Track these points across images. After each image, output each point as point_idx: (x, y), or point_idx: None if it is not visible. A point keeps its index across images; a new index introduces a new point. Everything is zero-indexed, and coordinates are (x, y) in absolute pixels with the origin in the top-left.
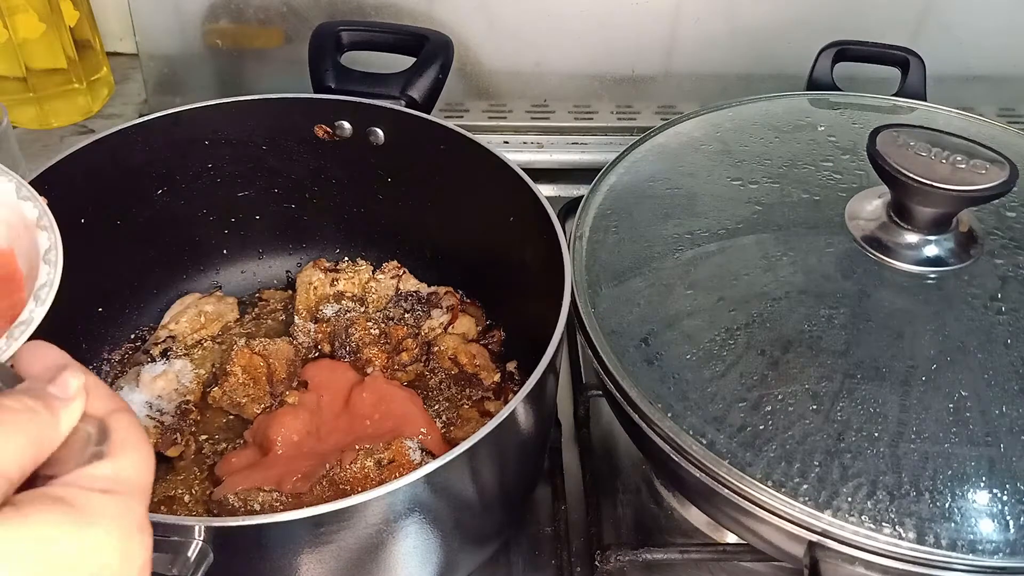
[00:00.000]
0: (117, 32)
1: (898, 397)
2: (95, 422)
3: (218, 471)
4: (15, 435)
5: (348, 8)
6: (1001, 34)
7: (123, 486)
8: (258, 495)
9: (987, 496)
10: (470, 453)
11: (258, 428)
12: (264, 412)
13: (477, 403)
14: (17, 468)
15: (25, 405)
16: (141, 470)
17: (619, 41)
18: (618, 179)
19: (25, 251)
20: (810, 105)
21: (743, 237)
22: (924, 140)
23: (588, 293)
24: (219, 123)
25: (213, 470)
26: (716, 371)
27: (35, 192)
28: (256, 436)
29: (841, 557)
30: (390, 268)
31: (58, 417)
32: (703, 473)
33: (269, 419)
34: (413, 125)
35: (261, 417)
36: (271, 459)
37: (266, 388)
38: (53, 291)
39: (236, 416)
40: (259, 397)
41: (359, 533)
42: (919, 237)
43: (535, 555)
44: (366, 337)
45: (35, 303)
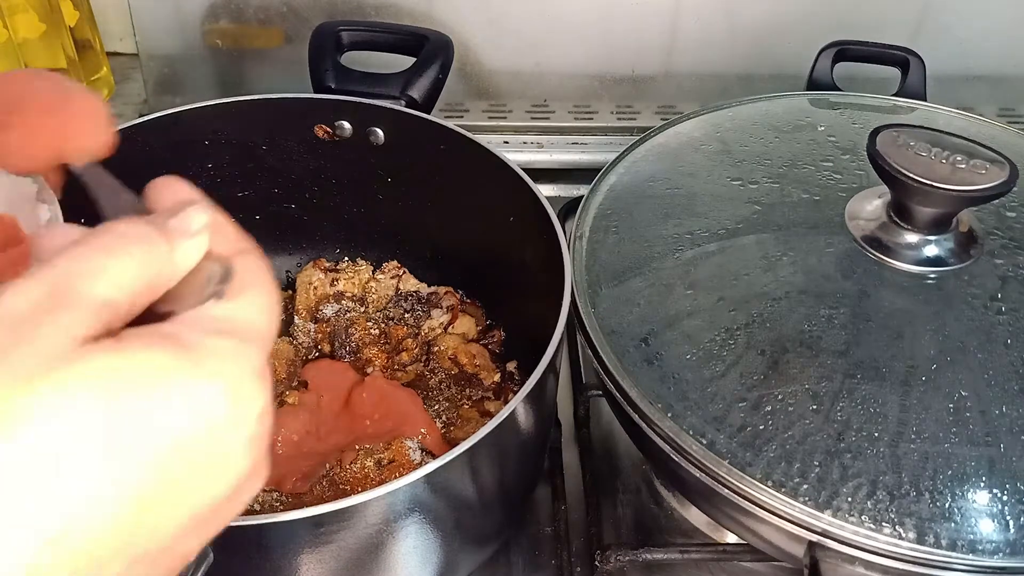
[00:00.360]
0: (117, 32)
1: (898, 397)
2: (220, 262)
3: None
4: (125, 261)
5: (348, 8)
6: (1001, 34)
7: (240, 328)
8: (258, 495)
9: (987, 496)
10: (470, 453)
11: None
12: None
13: (477, 403)
14: (125, 296)
15: (139, 232)
16: (263, 315)
17: (619, 41)
18: (618, 179)
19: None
20: (810, 105)
21: (743, 237)
22: (924, 140)
23: (588, 293)
24: (219, 123)
25: None
26: (716, 371)
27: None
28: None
29: (841, 557)
30: (390, 268)
31: (174, 248)
32: (703, 473)
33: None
34: (413, 125)
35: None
36: (274, 457)
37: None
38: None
39: None
40: None
41: (359, 533)
42: (919, 237)
43: (535, 555)
44: (366, 337)
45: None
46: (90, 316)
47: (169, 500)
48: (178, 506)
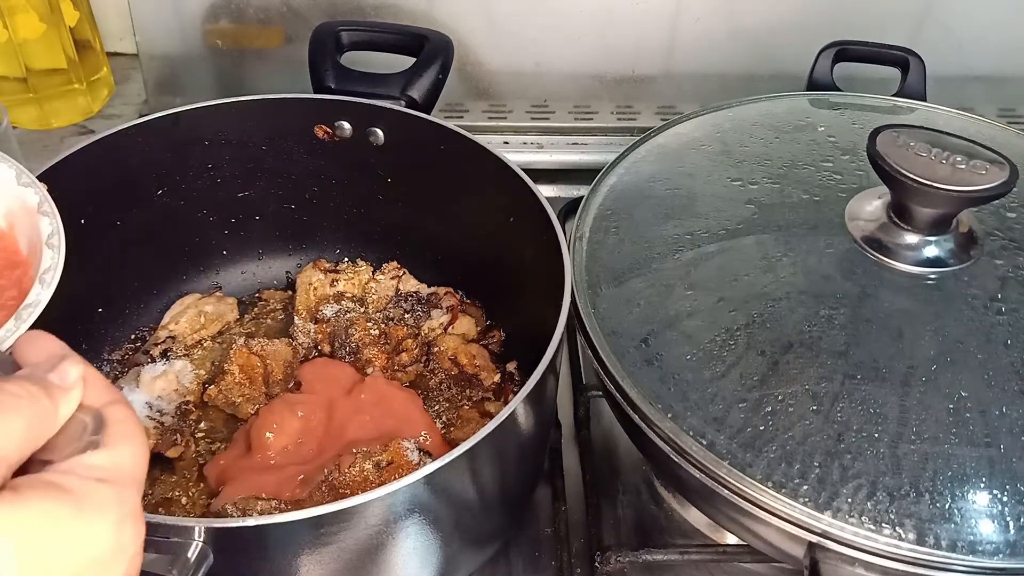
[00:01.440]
0: (117, 32)
1: (898, 398)
2: (92, 412)
3: (207, 471)
4: (15, 419)
5: (348, 8)
6: (1001, 34)
7: (118, 475)
8: (256, 504)
9: (987, 497)
10: (470, 454)
11: (249, 428)
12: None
13: (477, 404)
14: (16, 452)
15: (26, 390)
16: (136, 461)
17: (619, 41)
18: (618, 179)
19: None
20: (810, 105)
21: (743, 238)
22: (924, 140)
23: (588, 293)
24: (219, 123)
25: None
26: (716, 372)
27: (35, 179)
28: (247, 436)
29: (841, 558)
30: (390, 269)
31: (57, 404)
32: (703, 474)
33: (261, 419)
34: (413, 125)
35: (254, 417)
36: (268, 464)
37: (262, 389)
38: (58, 274)
39: (235, 417)
40: (254, 397)
41: (359, 534)
42: (919, 238)
43: (535, 556)
44: (366, 338)
45: (40, 286)
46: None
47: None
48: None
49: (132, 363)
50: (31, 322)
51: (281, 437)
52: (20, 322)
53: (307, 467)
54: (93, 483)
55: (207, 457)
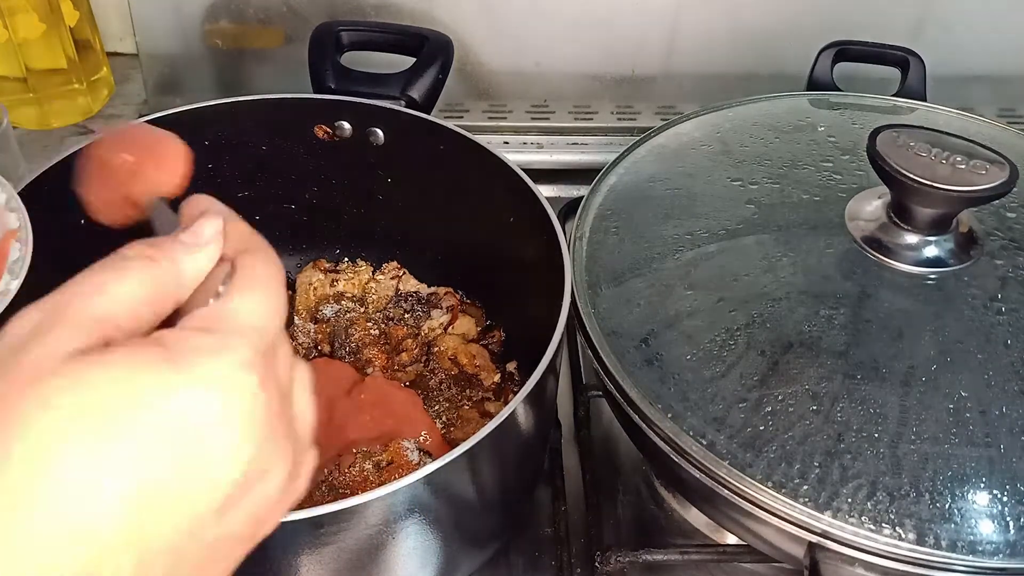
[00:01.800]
0: (117, 32)
1: (898, 398)
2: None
3: None
4: (126, 281)
5: (348, 8)
6: (1001, 34)
7: (228, 324)
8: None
9: (987, 497)
10: (470, 454)
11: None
12: None
13: (477, 404)
14: (126, 314)
15: (141, 253)
16: (255, 308)
17: (619, 41)
18: (618, 180)
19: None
20: (810, 105)
21: (743, 238)
22: (924, 140)
23: (588, 293)
24: (219, 123)
25: None
26: (716, 372)
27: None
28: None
29: (841, 558)
30: (390, 269)
31: (177, 263)
32: (703, 474)
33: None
34: (413, 125)
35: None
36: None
37: None
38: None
39: None
40: None
41: (359, 534)
42: (919, 238)
43: (535, 556)
44: (366, 338)
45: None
46: (81, 332)
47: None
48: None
49: None
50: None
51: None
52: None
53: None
54: (195, 334)
55: None
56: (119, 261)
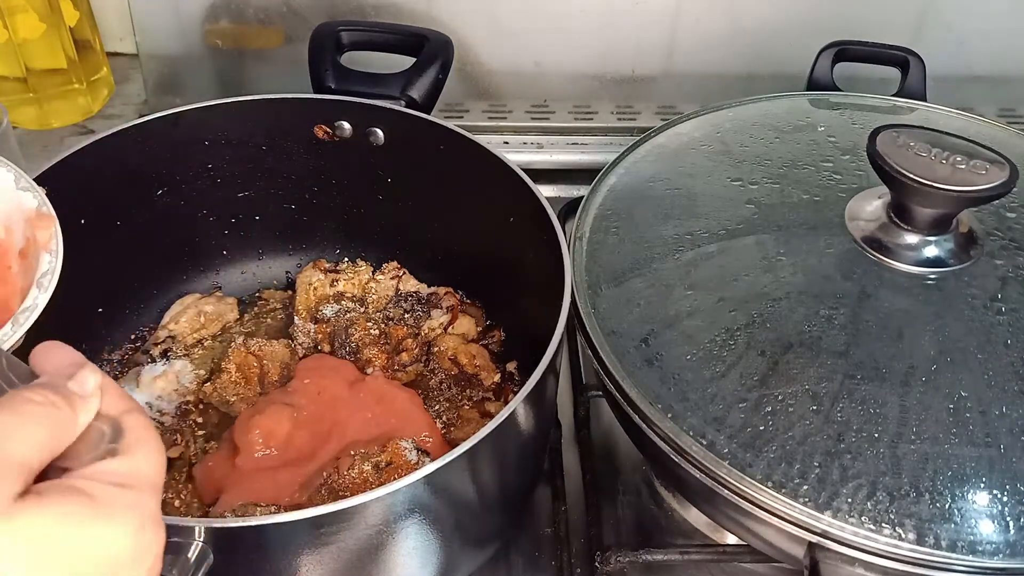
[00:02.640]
0: (117, 32)
1: (898, 397)
2: (109, 420)
3: (195, 472)
4: (37, 427)
5: (348, 8)
6: (1001, 34)
7: (138, 481)
8: (255, 511)
9: (987, 497)
10: (470, 454)
11: (234, 428)
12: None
13: (477, 404)
14: (36, 458)
15: (47, 398)
16: (154, 467)
17: (619, 41)
18: (618, 180)
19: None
20: (810, 105)
21: (743, 238)
22: (924, 140)
23: (588, 293)
24: (219, 123)
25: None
26: (716, 372)
27: (34, 183)
28: (234, 436)
29: (841, 558)
30: (390, 268)
31: (76, 412)
32: (703, 474)
33: (244, 419)
34: (413, 125)
35: (242, 416)
36: (263, 467)
37: (256, 389)
38: (55, 279)
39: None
40: (248, 397)
41: (359, 534)
42: (919, 238)
43: (535, 556)
44: (366, 337)
45: (38, 290)
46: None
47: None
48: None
49: (132, 363)
50: (28, 326)
51: (267, 437)
52: (17, 326)
53: (305, 469)
54: (114, 488)
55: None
56: (26, 405)
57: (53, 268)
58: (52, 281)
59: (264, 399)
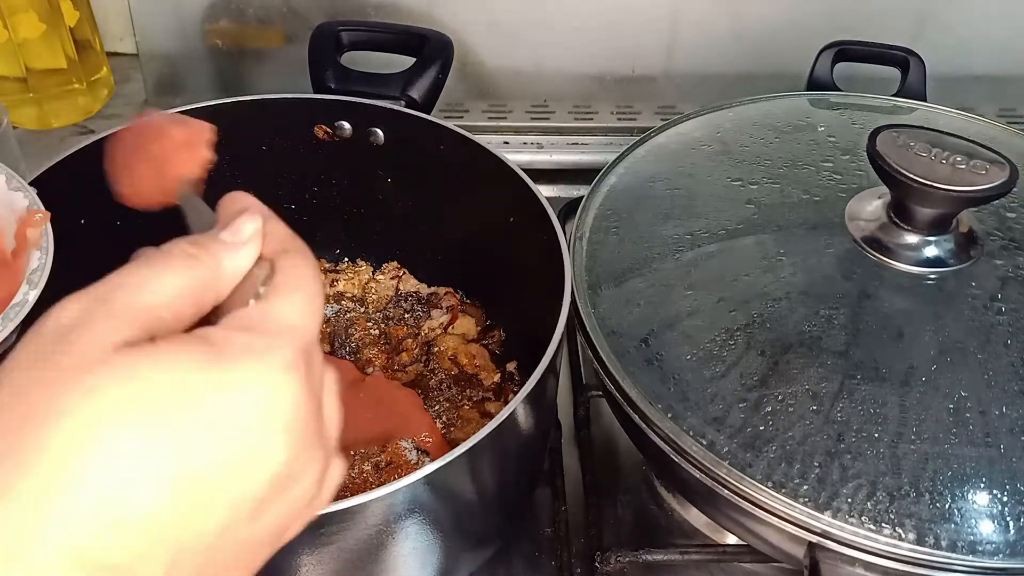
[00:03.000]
0: (117, 32)
1: (898, 398)
2: (267, 264)
3: None
4: (167, 276)
5: (348, 8)
6: (1001, 34)
7: (273, 327)
8: None
9: (987, 497)
10: (470, 454)
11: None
12: None
13: (477, 404)
14: (167, 306)
15: (183, 251)
16: (299, 313)
17: (619, 41)
18: (618, 180)
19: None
20: (810, 105)
21: (743, 238)
22: (924, 141)
23: (588, 293)
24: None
25: None
26: (716, 372)
27: (25, 183)
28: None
29: (841, 558)
30: (390, 269)
31: (219, 261)
32: (703, 474)
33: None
34: (413, 125)
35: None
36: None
37: None
38: (45, 275)
39: None
40: None
41: (359, 534)
42: (919, 238)
43: (535, 556)
44: (366, 337)
45: (28, 286)
46: (127, 324)
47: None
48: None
49: None
50: (18, 320)
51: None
52: (7, 321)
53: None
54: (239, 333)
55: None
56: (162, 257)
57: (43, 264)
58: (42, 277)
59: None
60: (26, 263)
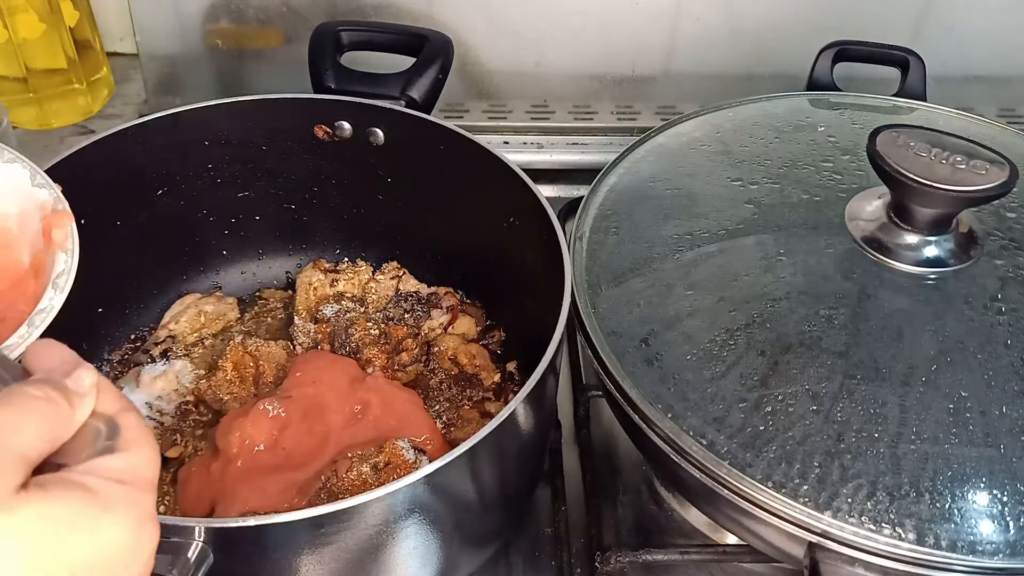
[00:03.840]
0: (117, 32)
1: (898, 398)
2: (104, 419)
3: (180, 475)
4: (35, 419)
5: (348, 8)
6: (1001, 34)
7: (136, 478)
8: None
9: (987, 497)
10: (470, 454)
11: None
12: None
13: (477, 404)
14: (35, 451)
15: (46, 393)
16: (150, 465)
17: (619, 41)
18: (618, 179)
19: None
20: (810, 105)
21: (743, 238)
22: (924, 140)
23: (588, 293)
24: (219, 123)
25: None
26: (716, 372)
27: (50, 179)
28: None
29: (841, 558)
30: (390, 268)
31: (73, 408)
32: (703, 474)
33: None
34: (413, 125)
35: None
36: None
37: (251, 390)
38: (71, 279)
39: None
40: (241, 397)
41: (359, 534)
42: (919, 238)
43: (535, 556)
44: (366, 337)
45: (54, 291)
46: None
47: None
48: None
49: (132, 363)
50: (44, 327)
51: (251, 439)
52: (33, 328)
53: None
54: (114, 484)
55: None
56: (25, 399)
57: (69, 268)
58: (68, 281)
59: (251, 400)
60: (50, 266)
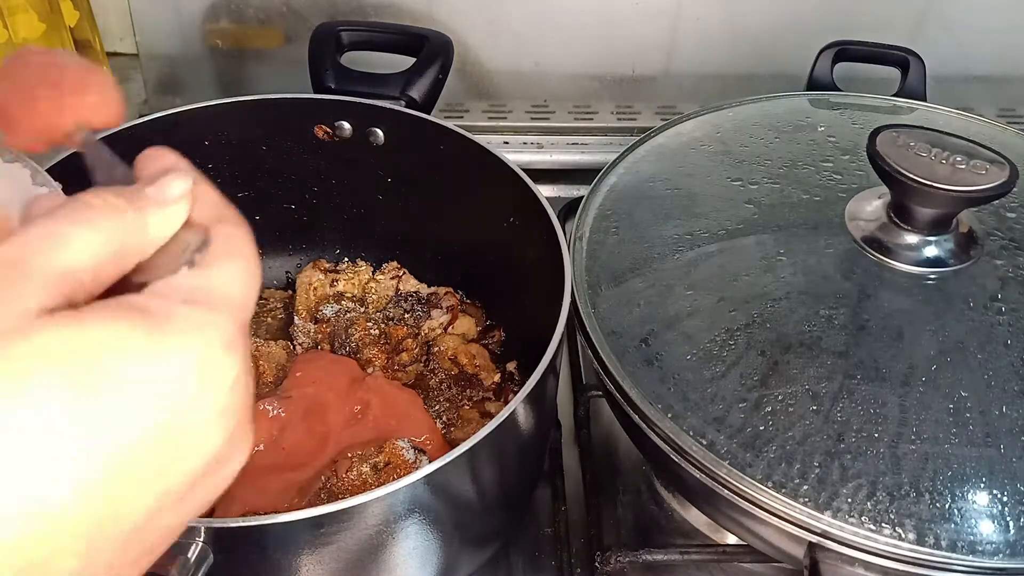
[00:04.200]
0: (117, 32)
1: (898, 398)
2: (200, 231)
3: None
4: (89, 231)
5: (348, 8)
6: (1001, 34)
7: (212, 299)
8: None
9: (987, 497)
10: (470, 454)
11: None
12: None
13: (477, 404)
14: (89, 267)
15: (107, 202)
16: (236, 284)
17: (619, 41)
18: (618, 179)
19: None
20: (810, 105)
21: (743, 238)
22: (924, 140)
23: (588, 293)
24: (219, 123)
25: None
26: (716, 372)
27: (51, 178)
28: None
29: (841, 558)
30: (390, 268)
31: (145, 218)
32: (703, 474)
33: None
34: (413, 125)
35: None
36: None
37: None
38: None
39: None
40: None
41: (359, 534)
42: (919, 238)
43: (535, 556)
44: (366, 337)
45: None
46: (46, 287)
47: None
48: (144, 486)
49: None
50: None
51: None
52: None
53: (303, 474)
54: (179, 305)
55: None
56: (82, 209)
57: None
58: None
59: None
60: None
